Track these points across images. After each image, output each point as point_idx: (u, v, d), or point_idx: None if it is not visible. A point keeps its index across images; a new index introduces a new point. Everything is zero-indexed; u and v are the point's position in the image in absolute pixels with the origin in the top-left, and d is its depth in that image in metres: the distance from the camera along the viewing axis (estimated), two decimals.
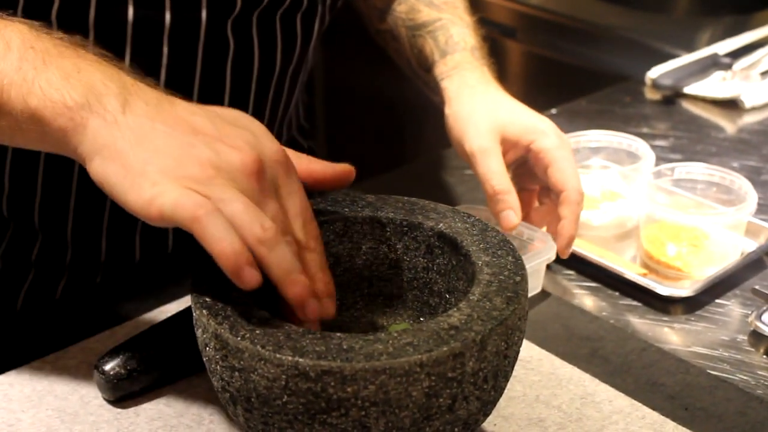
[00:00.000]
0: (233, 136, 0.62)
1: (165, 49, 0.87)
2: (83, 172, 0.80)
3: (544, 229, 0.91)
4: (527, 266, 0.68)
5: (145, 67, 0.73)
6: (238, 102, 0.94)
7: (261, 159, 0.62)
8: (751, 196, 0.95)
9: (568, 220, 0.86)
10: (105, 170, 0.61)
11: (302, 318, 0.62)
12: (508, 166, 0.91)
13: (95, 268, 0.98)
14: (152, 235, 0.97)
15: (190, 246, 0.60)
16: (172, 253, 0.99)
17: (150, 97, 0.64)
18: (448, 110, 0.95)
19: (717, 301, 0.90)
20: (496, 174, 0.87)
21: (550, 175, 0.88)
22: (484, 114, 0.91)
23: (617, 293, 0.91)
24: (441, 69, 1.00)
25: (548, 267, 0.89)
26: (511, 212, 0.86)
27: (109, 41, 0.79)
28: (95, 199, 0.93)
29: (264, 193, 0.61)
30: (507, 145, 0.90)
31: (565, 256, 0.88)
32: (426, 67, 1.02)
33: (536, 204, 0.95)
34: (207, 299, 0.62)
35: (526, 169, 0.93)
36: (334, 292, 0.64)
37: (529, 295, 0.81)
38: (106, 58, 0.67)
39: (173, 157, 0.60)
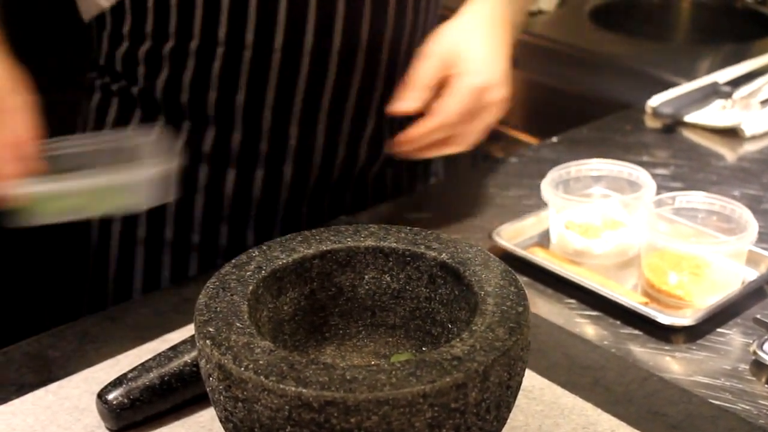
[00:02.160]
0: None
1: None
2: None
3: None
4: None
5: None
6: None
7: None
8: (751, 224, 0.95)
9: (418, 126, 1.00)
10: None
11: None
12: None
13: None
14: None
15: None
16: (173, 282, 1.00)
17: None
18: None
19: (718, 330, 0.90)
20: (418, 72, 1.00)
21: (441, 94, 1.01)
22: (454, 33, 1.03)
23: (619, 322, 0.91)
24: None
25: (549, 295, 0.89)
26: (403, 102, 1.00)
27: None
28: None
29: None
30: (445, 63, 1.01)
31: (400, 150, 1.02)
32: None
33: None
34: (210, 329, 0.62)
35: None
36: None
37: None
38: None
39: None
